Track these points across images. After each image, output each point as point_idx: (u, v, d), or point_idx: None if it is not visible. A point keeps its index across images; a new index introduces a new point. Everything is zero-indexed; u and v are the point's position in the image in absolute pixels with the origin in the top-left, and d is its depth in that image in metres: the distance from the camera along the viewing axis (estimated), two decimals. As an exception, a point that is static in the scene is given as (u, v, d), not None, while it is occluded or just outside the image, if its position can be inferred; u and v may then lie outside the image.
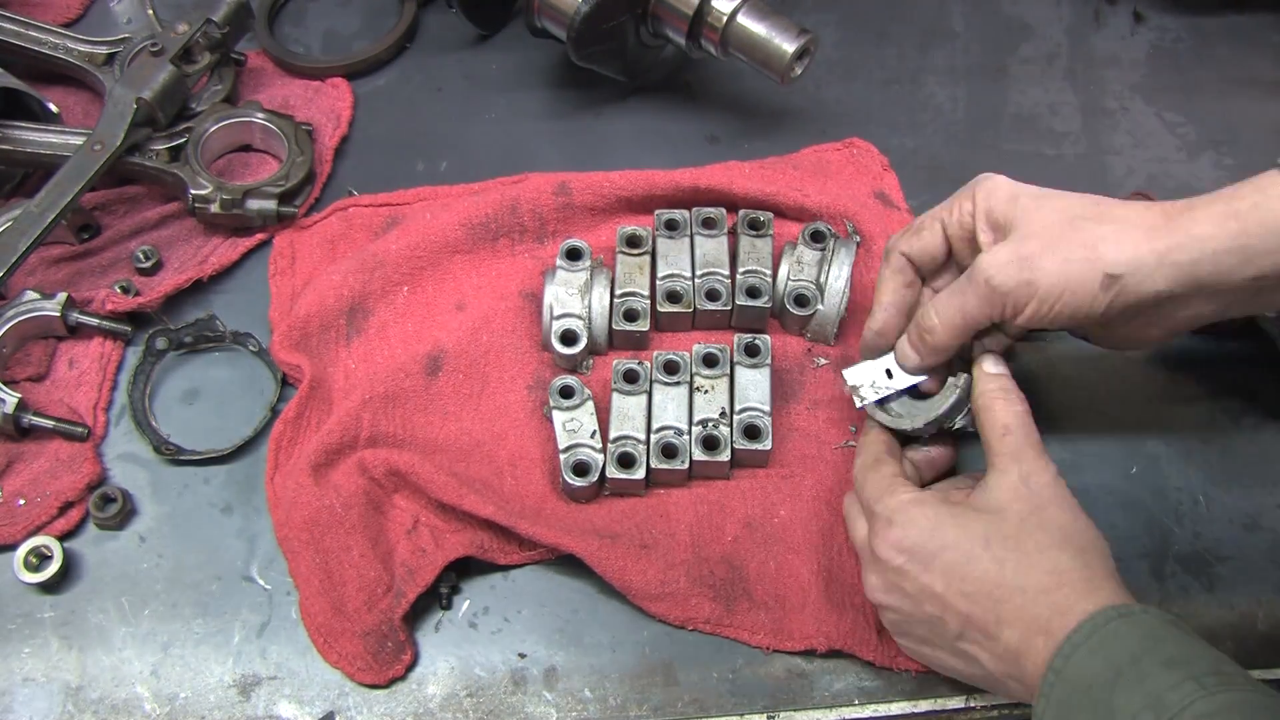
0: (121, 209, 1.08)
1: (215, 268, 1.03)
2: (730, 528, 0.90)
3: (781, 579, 0.88)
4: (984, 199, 0.83)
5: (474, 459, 0.94)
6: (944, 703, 0.86)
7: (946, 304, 0.83)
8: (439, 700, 0.85)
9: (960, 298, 0.82)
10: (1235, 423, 0.98)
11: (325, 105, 1.15)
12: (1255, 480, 0.95)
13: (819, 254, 0.99)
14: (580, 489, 0.90)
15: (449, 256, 1.03)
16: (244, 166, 1.11)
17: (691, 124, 1.16)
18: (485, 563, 0.89)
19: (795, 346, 1.00)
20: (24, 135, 1.04)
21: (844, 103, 1.06)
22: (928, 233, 0.87)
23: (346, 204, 1.08)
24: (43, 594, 0.89)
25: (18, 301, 0.97)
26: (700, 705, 0.85)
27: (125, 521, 0.92)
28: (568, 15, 1.06)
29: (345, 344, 0.99)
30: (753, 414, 0.93)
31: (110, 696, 0.85)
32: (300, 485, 0.89)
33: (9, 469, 0.93)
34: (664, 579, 0.87)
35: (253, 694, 0.85)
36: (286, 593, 0.89)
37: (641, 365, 0.95)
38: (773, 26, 1.04)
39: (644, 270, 1.00)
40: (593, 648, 0.87)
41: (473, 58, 1.21)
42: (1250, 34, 1.23)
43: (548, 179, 1.06)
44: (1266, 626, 0.88)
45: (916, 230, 0.88)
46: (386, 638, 0.85)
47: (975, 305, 0.82)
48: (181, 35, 1.07)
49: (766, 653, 0.87)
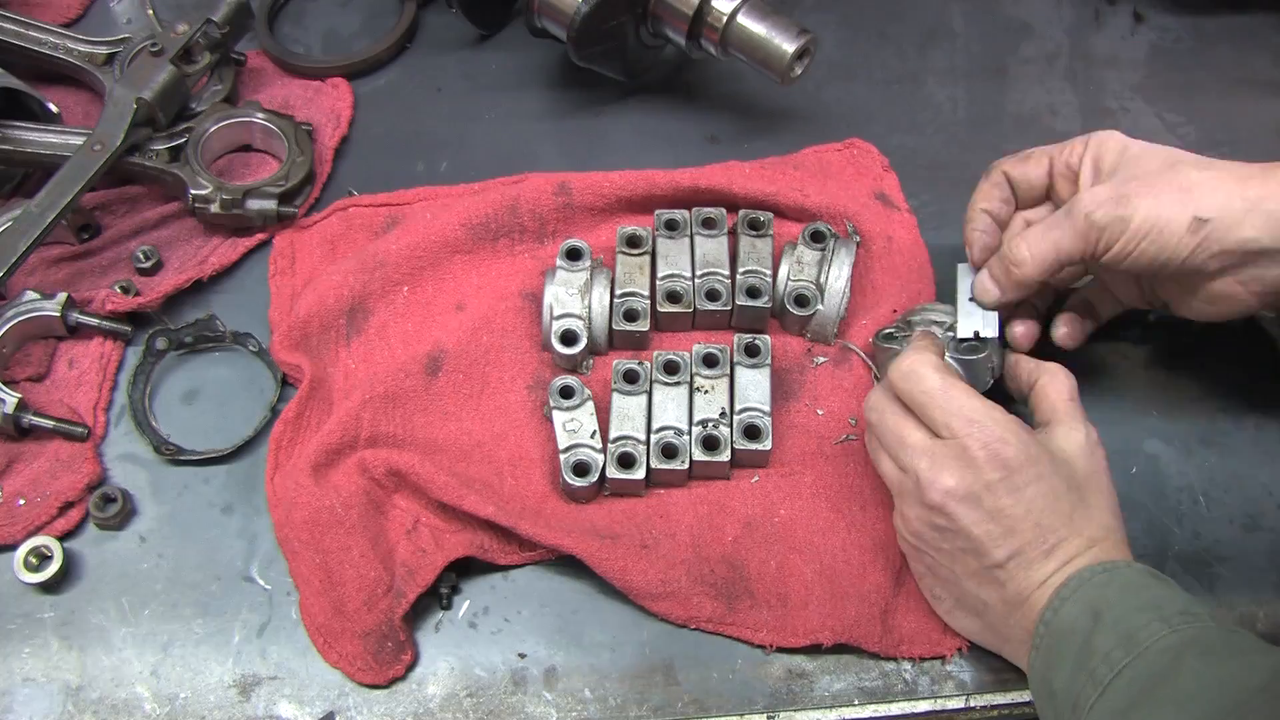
0: (121, 209, 1.08)
1: (215, 268, 1.03)
2: (730, 528, 0.90)
3: (783, 577, 0.88)
4: (1096, 145, 0.87)
5: (474, 459, 0.94)
6: (944, 703, 0.86)
7: (1041, 237, 0.85)
8: (439, 700, 0.85)
9: (1056, 231, 0.84)
10: (1235, 423, 0.98)
11: (325, 105, 1.15)
12: (1255, 480, 0.95)
13: (819, 254, 0.99)
14: (580, 489, 0.90)
15: (449, 256, 1.03)
16: (244, 166, 1.11)
17: (691, 124, 1.16)
18: (485, 563, 0.89)
19: (795, 346, 1.00)
20: (24, 135, 1.04)
21: (844, 103, 1.06)
22: (1034, 162, 0.91)
23: (347, 204, 1.08)
24: (43, 594, 0.89)
25: (18, 301, 0.97)
26: (700, 705, 0.85)
27: (125, 521, 0.92)
28: (568, 15, 1.06)
29: (345, 344, 0.99)
30: (753, 414, 0.93)
31: (110, 696, 0.85)
32: (300, 485, 0.89)
33: (9, 469, 0.93)
34: (665, 578, 0.87)
35: (253, 694, 0.85)
36: (286, 593, 0.89)
37: (641, 365, 0.95)
38: (773, 26, 1.04)
39: (644, 270, 1.00)
40: (593, 648, 0.87)
41: (473, 58, 1.21)
42: (1250, 34, 1.23)
43: (548, 179, 1.06)
44: (1266, 627, 0.88)
45: (1024, 157, 0.91)
46: (386, 638, 0.85)
47: (1070, 239, 0.84)
48: (181, 35, 1.07)
49: (767, 652, 0.87)
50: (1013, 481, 0.78)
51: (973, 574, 0.81)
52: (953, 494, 0.79)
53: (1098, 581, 0.76)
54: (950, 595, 0.84)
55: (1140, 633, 0.72)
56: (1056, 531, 0.78)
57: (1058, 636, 0.76)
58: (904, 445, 0.82)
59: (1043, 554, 0.78)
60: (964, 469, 0.79)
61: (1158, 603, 0.74)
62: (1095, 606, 0.74)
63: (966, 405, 0.80)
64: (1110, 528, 0.80)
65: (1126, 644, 0.72)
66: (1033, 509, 0.78)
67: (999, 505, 0.78)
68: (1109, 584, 0.76)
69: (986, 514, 0.79)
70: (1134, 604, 0.74)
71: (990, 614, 0.81)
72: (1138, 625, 0.72)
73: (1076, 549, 0.78)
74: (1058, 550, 0.78)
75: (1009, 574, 0.79)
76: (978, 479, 0.78)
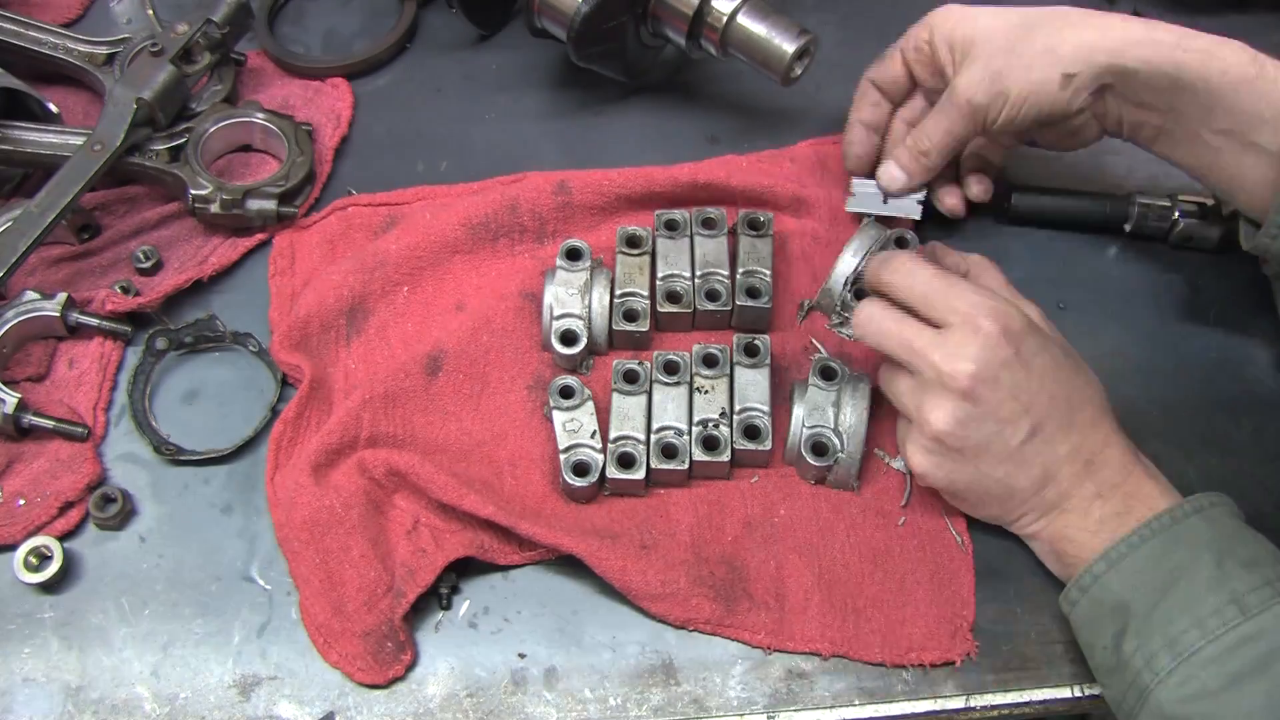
0: (121, 209, 1.08)
1: (215, 268, 1.03)
2: (730, 528, 0.90)
3: (782, 578, 0.88)
4: (940, 24, 0.94)
5: (474, 459, 0.94)
6: (944, 703, 0.86)
7: (934, 127, 0.95)
8: (439, 700, 0.85)
9: (946, 120, 0.94)
10: (1235, 422, 0.98)
11: (325, 105, 1.15)
12: (1255, 480, 0.95)
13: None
14: (580, 489, 0.90)
15: (449, 256, 1.03)
16: (244, 166, 1.11)
17: (691, 124, 1.16)
18: (485, 563, 0.89)
19: (793, 344, 1.00)
20: (24, 135, 1.04)
21: (844, 103, 1.06)
22: (890, 60, 0.99)
23: (346, 204, 1.08)
24: (43, 594, 0.89)
25: (18, 301, 0.97)
26: (700, 705, 0.85)
27: (125, 521, 0.92)
28: (568, 15, 1.06)
29: (345, 344, 0.99)
30: (753, 414, 0.93)
31: (110, 696, 0.85)
32: (300, 485, 0.89)
33: (9, 469, 0.93)
34: (664, 579, 0.87)
35: (253, 694, 0.85)
36: (286, 593, 0.89)
37: (641, 365, 0.95)
38: (773, 26, 1.04)
39: (644, 270, 1.00)
40: (593, 648, 0.87)
41: (473, 58, 1.21)
42: (1250, 34, 1.22)
43: (547, 178, 1.06)
44: (1266, 626, 0.88)
45: (881, 59, 1.00)
46: (386, 638, 0.85)
47: (960, 123, 0.93)
48: (181, 35, 1.07)
49: (767, 653, 0.87)
50: (1022, 355, 0.81)
51: (1001, 459, 0.82)
52: (978, 377, 0.80)
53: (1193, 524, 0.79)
54: (978, 495, 0.86)
55: (1249, 596, 0.74)
56: (1069, 399, 0.83)
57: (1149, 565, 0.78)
58: (913, 349, 0.83)
59: (1067, 422, 0.83)
60: (980, 350, 0.81)
61: (1259, 560, 0.77)
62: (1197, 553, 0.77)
63: (964, 288, 0.84)
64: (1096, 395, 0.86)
65: (1239, 604, 0.74)
66: (1045, 380, 0.82)
67: (1016, 380, 0.81)
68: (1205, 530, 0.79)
69: (1009, 392, 0.81)
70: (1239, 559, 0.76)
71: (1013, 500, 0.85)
72: (1245, 587, 0.75)
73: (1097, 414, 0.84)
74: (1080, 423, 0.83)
75: (1036, 449, 0.82)
76: (994, 356, 0.81)
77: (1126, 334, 1.02)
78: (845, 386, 0.92)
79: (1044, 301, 1.02)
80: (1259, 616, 0.74)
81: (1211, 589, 0.75)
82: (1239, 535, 0.80)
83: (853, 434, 0.90)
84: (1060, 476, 0.83)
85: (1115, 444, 0.85)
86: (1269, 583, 0.75)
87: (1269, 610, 0.74)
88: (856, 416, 0.90)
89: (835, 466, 0.90)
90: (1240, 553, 0.77)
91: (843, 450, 0.90)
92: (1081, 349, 0.92)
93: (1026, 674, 0.86)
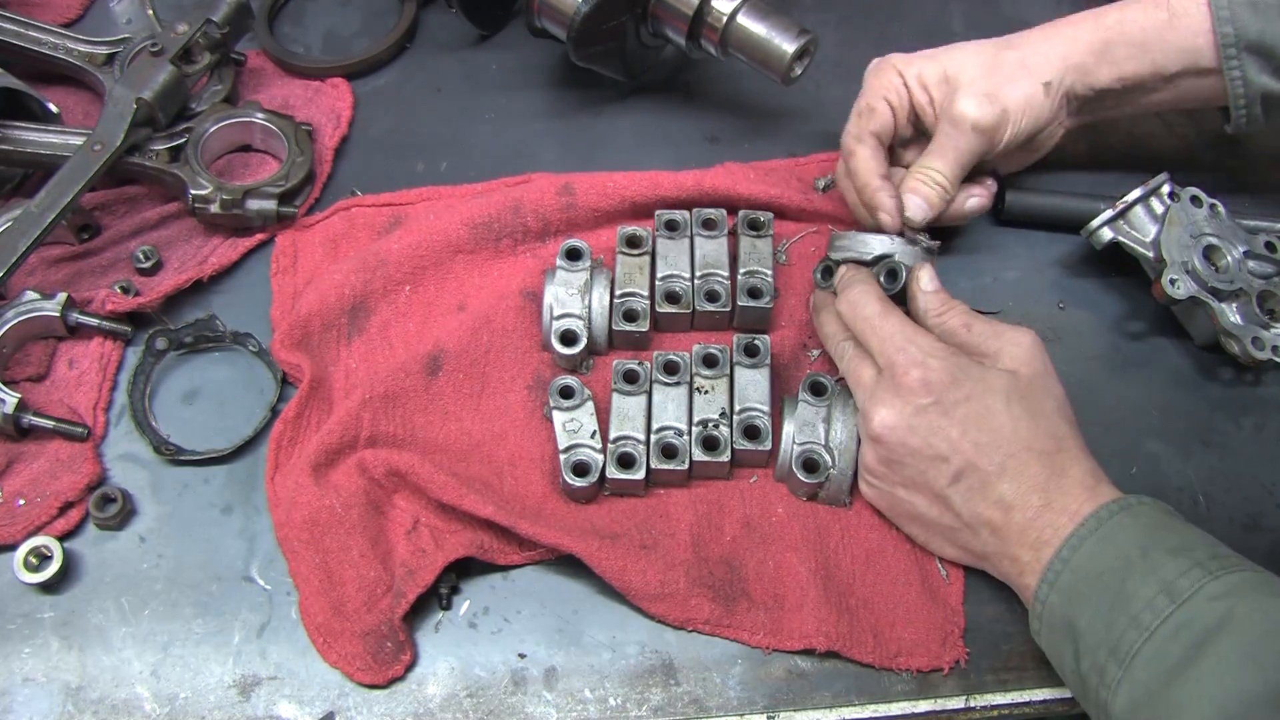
0: (121, 209, 1.08)
1: (215, 268, 1.03)
2: (729, 527, 0.90)
3: (780, 578, 0.88)
4: (913, 68, 0.98)
5: (474, 459, 0.94)
6: (944, 703, 0.86)
7: (942, 159, 0.96)
8: (439, 700, 0.85)
9: (953, 148, 0.95)
10: (1235, 423, 0.98)
11: (325, 105, 1.15)
12: (1255, 480, 0.95)
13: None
14: (580, 489, 0.90)
15: (451, 256, 1.03)
16: (244, 166, 1.11)
17: (691, 124, 1.16)
18: (485, 563, 0.89)
19: (791, 342, 1.00)
20: (24, 135, 1.04)
21: (844, 103, 1.05)
22: (880, 111, 0.98)
23: (349, 204, 1.08)
24: (43, 594, 0.89)
25: (18, 301, 0.97)
26: (700, 705, 0.85)
27: (125, 521, 0.92)
28: (568, 15, 1.06)
29: (346, 343, 0.99)
30: (752, 414, 0.93)
31: (110, 696, 0.85)
32: (300, 485, 0.89)
33: (9, 469, 0.93)
34: (663, 579, 0.87)
35: (253, 694, 0.85)
36: (286, 593, 0.89)
37: (641, 365, 0.95)
38: (773, 26, 1.04)
39: (644, 271, 1.00)
40: (593, 648, 0.87)
41: (473, 58, 1.21)
42: None
43: (552, 180, 1.06)
44: (1266, 626, 0.88)
45: (870, 113, 0.98)
46: (386, 638, 0.85)
47: (967, 146, 0.95)
48: (181, 35, 1.07)
49: (766, 653, 0.87)
50: (942, 404, 0.82)
51: (930, 500, 0.84)
52: (887, 424, 0.83)
53: (1119, 523, 0.77)
54: (921, 529, 0.87)
55: (1179, 581, 0.72)
56: (999, 448, 0.81)
57: (1081, 575, 0.77)
58: (859, 385, 0.88)
59: (996, 472, 0.81)
60: (895, 398, 0.83)
61: (1187, 546, 0.75)
62: (1123, 549, 0.76)
63: (897, 331, 0.86)
64: (1062, 435, 0.83)
65: (1170, 591, 0.72)
66: (968, 428, 0.82)
67: (933, 426, 0.82)
68: (1132, 525, 0.77)
69: (923, 440, 0.82)
70: (1164, 548, 0.75)
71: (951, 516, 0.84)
72: (1175, 572, 0.73)
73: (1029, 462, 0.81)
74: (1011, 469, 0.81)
75: (967, 489, 0.82)
76: (907, 405, 0.83)
77: (1125, 334, 1.02)
78: (835, 402, 0.92)
79: (1043, 302, 1.03)
80: (1190, 601, 0.71)
81: (1142, 582, 0.73)
82: (1166, 525, 0.77)
83: (843, 450, 0.90)
84: (996, 521, 0.81)
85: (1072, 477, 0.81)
86: (1198, 564, 0.73)
87: (1200, 592, 0.72)
88: (847, 433, 0.90)
89: (827, 483, 0.90)
90: (1167, 541, 0.75)
91: (834, 466, 0.90)
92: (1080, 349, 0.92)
93: (1026, 674, 0.86)
